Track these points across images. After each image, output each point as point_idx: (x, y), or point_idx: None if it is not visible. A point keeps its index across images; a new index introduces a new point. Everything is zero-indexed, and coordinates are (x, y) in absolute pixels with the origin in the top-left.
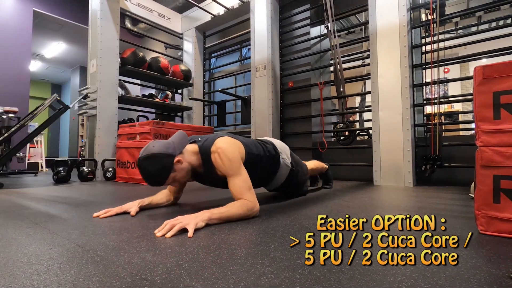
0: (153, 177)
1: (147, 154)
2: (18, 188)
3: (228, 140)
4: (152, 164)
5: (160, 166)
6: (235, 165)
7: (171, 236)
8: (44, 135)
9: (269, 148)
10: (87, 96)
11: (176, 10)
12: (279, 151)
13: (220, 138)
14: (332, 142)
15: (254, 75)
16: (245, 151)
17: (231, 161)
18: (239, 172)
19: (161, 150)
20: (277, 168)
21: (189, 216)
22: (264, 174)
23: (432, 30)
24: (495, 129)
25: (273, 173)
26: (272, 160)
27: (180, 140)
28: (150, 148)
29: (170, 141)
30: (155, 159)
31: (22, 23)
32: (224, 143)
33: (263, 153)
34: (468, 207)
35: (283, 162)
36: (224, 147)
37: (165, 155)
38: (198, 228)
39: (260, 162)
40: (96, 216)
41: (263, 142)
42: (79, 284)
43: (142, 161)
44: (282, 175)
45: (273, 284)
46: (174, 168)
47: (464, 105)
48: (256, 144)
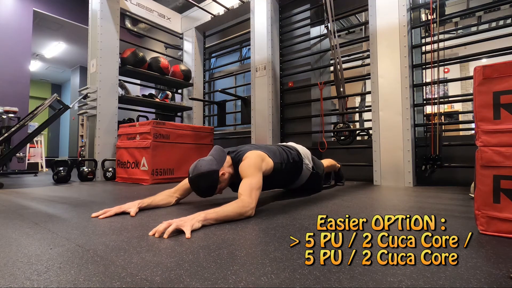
0: (205, 192)
1: (197, 173)
2: (18, 188)
3: (258, 154)
4: (203, 181)
5: (210, 182)
6: (251, 170)
7: (166, 237)
8: (44, 135)
9: (293, 155)
10: (87, 96)
11: (176, 10)
12: (302, 157)
13: (252, 151)
14: (332, 142)
15: (254, 75)
16: (273, 161)
17: (250, 167)
18: (252, 175)
19: (209, 168)
20: (299, 173)
21: (184, 218)
22: (288, 178)
23: (432, 30)
24: (495, 129)
25: (296, 177)
26: (296, 165)
27: (220, 155)
28: (199, 168)
29: (212, 158)
30: (205, 177)
31: (22, 23)
32: (253, 155)
33: (287, 160)
34: (468, 207)
35: (305, 167)
36: (250, 157)
37: (212, 172)
38: (194, 229)
39: (285, 167)
40: (95, 216)
41: (288, 149)
42: (79, 284)
43: (194, 179)
44: (304, 178)
45: (273, 284)
46: (219, 181)
47: (464, 105)
48: (281, 152)
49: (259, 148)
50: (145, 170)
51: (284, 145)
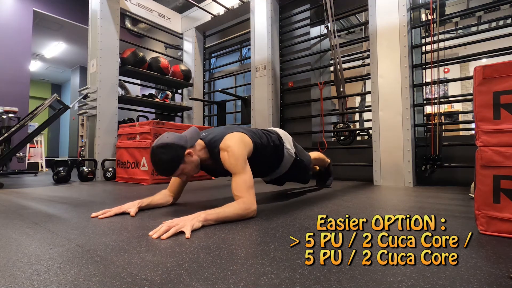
0: (164, 165)
1: (161, 143)
2: (18, 188)
3: (237, 138)
4: (165, 153)
5: (172, 155)
6: (240, 164)
7: (166, 238)
8: (44, 135)
9: (273, 138)
10: (87, 96)
11: (176, 10)
12: (283, 141)
13: (229, 135)
14: (332, 142)
15: (254, 75)
16: (253, 143)
17: (237, 160)
18: (243, 171)
19: (174, 140)
20: (281, 158)
21: (185, 218)
22: (269, 163)
23: (432, 30)
24: (495, 129)
25: (278, 162)
26: (276, 149)
27: (192, 135)
28: (164, 138)
29: (183, 134)
30: (168, 148)
31: (22, 23)
32: (234, 142)
33: (266, 143)
34: (468, 207)
35: (287, 152)
36: (233, 146)
37: (178, 146)
38: (194, 229)
39: (265, 151)
40: (95, 216)
41: (268, 132)
42: (79, 284)
43: (155, 149)
44: (286, 164)
45: (273, 284)
46: (184, 160)
47: (464, 105)
48: (261, 135)
49: (235, 128)
50: (145, 170)
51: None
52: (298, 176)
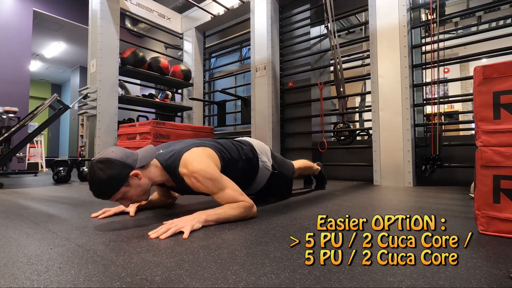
0: (100, 185)
1: (102, 157)
2: (18, 188)
3: (199, 155)
4: (103, 170)
5: (112, 174)
6: (217, 183)
7: (165, 238)
8: (44, 135)
9: (246, 151)
10: (87, 96)
11: (176, 10)
12: (258, 153)
13: (187, 154)
14: (332, 142)
15: (254, 75)
16: (219, 158)
17: (213, 181)
18: (223, 186)
19: (119, 157)
20: (255, 172)
21: (185, 218)
22: (241, 179)
23: (432, 30)
24: (495, 129)
25: (252, 177)
26: (249, 163)
27: (145, 153)
28: (108, 153)
29: (134, 152)
30: (109, 164)
31: (22, 23)
32: (197, 162)
33: (238, 157)
34: (468, 207)
35: (263, 165)
36: (199, 169)
37: (122, 163)
38: (194, 230)
39: (235, 166)
40: (95, 216)
41: (239, 144)
42: (79, 284)
43: (94, 164)
44: (262, 178)
45: (273, 284)
46: (128, 182)
47: (464, 105)
48: (231, 147)
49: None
50: None
51: (235, 140)
52: (277, 190)
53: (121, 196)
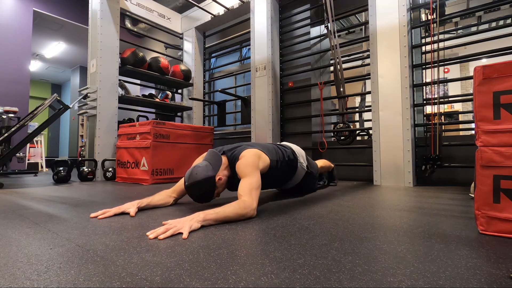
0: (202, 198)
1: (193, 181)
2: (18, 188)
3: (254, 152)
4: (200, 189)
5: (206, 189)
6: (249, 169)
7: (163, 238)
8: (44, 135)
9: (288, 153)
10: (87, 96)
11: (176, 10)
12: (297, 155)
13: (247, 150)
14: (332, 142)
15: (254, 75)
16: (270, 160)
17: (247, 166)
18: (251, 174)
19: (204, 175)
20: (294, 171)
21: (183, 219)
22: (283, 176)
23: (432, 30)
24: (495, 129)
25: (291, 176)
26: (290, 164)
27: (215, 159)
28: (194, 176)
29: (208, 164)
30: (201, 184)
31: (22, 23)
32: (249, 153)
33: (282, 158)
34: (468, 207)
35: (300, 166)
36: (247, 156)
37: (208, 178)
38: (193, 230)
39: (280, 166)
40: (94, 216)
41: (283, 147)
42: (79, 284)
43: (190, 187)
44: (299, 176)
45: (273, 284)
46: (216, 186)
47: (464, 105)
48: (277, 150)
49: (255, 146)
50: (145, 170)
51: (279, 144)
52: (308, 186)
53: (216, 195)
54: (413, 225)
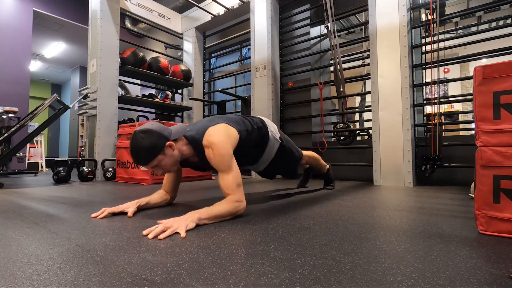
0: (142, 152)
1: (144, 128)
2: (18, 188)
3: (220, 131)
4: (145, 139)
5: (152, 143)
6: (226, 161)
7: (163, 238)
8: (44, 135)
9: (256, 121)
10: (87, 96)
11: (176, 10)
12: (266, 124)
13: (211, 128)
14: (332, 142)
15: (254, 75)
16: (238, 132)
17: (223, 157)
18: (229, 168)
19: (158, 129)
20: (266, 142)
21: (179, 218)
22: (254, 149)
23: (432, 30)
24: (495, 129)
25: (263, 147)
26: (260, 132)
27: (177, 129)
28: (148, 125)
29: (168, 127)
30: (150, 134)
31: (22, 23)
32: (217, 137)
33: (250, 127)
34: (468, 207)
35: (272, 135)
36: (217, 143)
37: (160, 135)
38: (189, 229)
39: (250, 136)
40: (94, 216)
41: (250, 117)
42: (79, 284)
43: (136, 133)
44: (272, 149)
45: (273, 284)
46: (164, 151)
47: (464, 105)
48: (243, 120)
49: (217, 120)
50: (145, 170)
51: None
52: (286, 166)
53: (156, 164)
54: (413, 225)
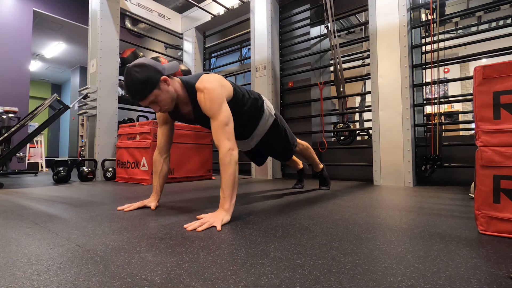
0: (137, 85)
1: (138, 62)
2: (18, 188)
3: (214, 79)
4: (139, 72)
5: (147, 76)
6: (216, 104)
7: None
8: (44, 135)
9: (253, 92)
10: (87, 96)
11: (176, 10)
12: (263, 98)
13: (206, 75)
14: (332, 142)
15: (254, 75)
16: (233, 88)
17: (213, 101)
18: (219, 112)
19: (152, 63)
20: (261, 114)
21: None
22: (248, 118)
23: (432, 30)
24: (495, 129)
25: (257, 119)
26: (256, 103)
27: (171, 65)
28: (143, 60)
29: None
30: (145, 68)
31: (22, 23)
32: (210, 82)
33: (247, 95)
34: (468, 207)
35: (267, 109)
36: (210, 87)
37: (155, 69)
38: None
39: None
40: (121, 209)
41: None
42: (79, 284)
43: (131, 68)
44: (266, 123)
45: (273, 284)
46: (159, 86)
47: (464, 105)
48: (241, 88)
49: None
50: (145, 170)
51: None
52: (278, 146)
53: (153, 99)
54: (413, 225)
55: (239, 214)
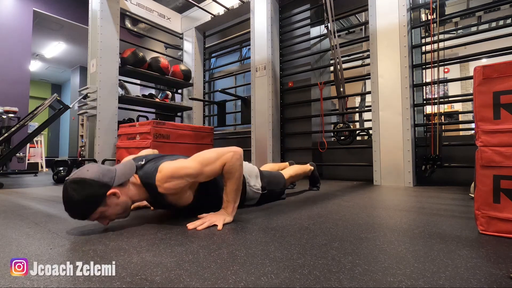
0: (75, 207)
1: (77, 177)
2: (18, 188)
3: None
4: (78, 191)
5: (87, 194)
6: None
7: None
8: (44, 135)
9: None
10: (87, 96)
11: (176, 10)
12: (246, 176)
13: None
14: (332, 142)
15: (254, 75)
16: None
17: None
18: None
19: (95, 176)
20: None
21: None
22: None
23: (432, 30)
24: (495, 129)
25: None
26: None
27: (124, 170)
28: (83, 172)
29: (111, 168)
30: (84, 185)
31: (22, 23)
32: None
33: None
34: (468, 207)
35: (250, 190)
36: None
37: (98, 183)
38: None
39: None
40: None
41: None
42: (79, 284)
43: (68, 184)
44: (251, 201)
45: (273, 284)
46: (105, 202)
47: (464, 105)
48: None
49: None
50: None
51: None
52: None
53: (98, 216)
54: (413, 225)
55: (239, 214)
